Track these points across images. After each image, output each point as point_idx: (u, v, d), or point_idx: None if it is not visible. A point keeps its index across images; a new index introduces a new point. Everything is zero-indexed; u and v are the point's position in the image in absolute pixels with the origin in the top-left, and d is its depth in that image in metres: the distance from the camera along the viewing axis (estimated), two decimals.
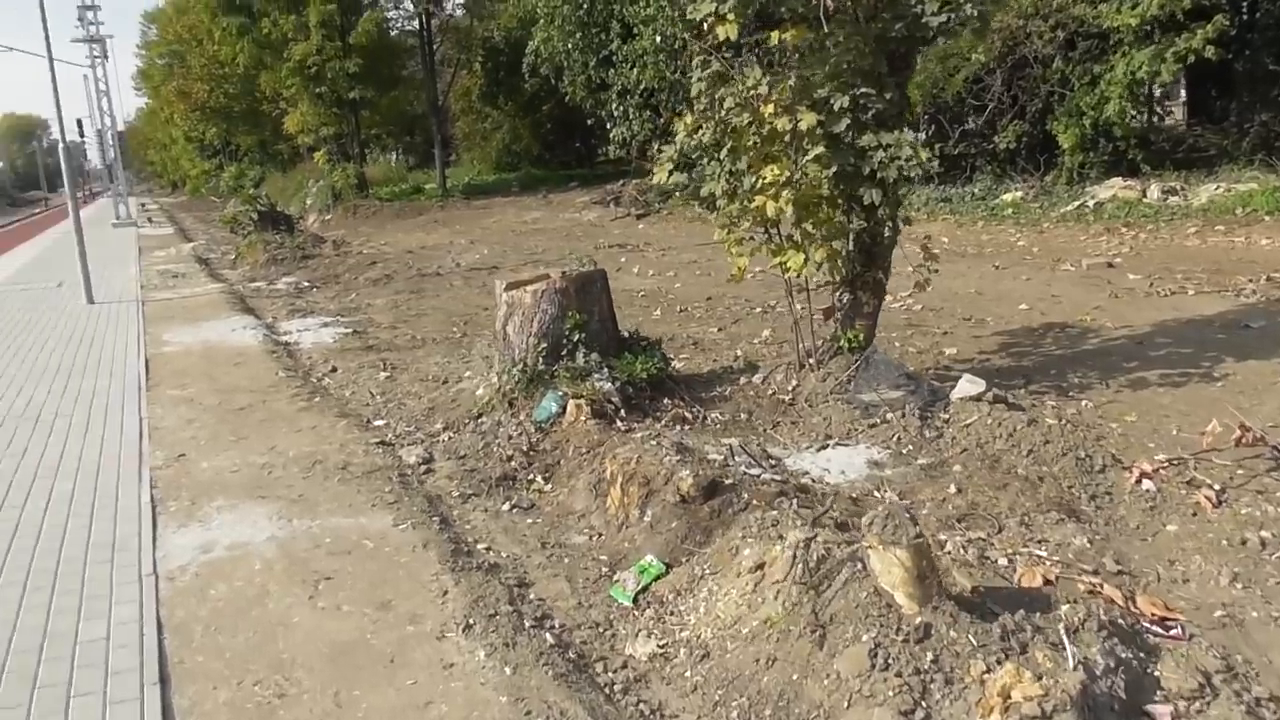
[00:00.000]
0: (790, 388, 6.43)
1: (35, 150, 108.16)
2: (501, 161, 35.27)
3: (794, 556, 3.43)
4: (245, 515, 4.88)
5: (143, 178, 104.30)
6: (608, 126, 22.27)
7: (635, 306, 10.76)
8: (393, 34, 30.01)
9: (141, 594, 4.03)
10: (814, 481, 5.01)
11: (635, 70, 19.65)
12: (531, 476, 5.37)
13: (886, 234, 6.17)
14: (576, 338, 6.16)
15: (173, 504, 5.11)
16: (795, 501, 4.34)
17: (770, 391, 6.47)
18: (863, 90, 5.60)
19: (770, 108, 5.68)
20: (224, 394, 7.50)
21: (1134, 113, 15.10)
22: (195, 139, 55.04)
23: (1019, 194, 15.19)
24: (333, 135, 29.08)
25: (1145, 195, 14.63)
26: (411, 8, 27.53)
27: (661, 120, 20.78)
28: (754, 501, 4.33)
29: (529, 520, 4.89)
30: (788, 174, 5.62)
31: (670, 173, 6.12)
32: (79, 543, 4.61)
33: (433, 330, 10.34)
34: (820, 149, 5.51)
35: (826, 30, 5.66)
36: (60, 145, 13.25)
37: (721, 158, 5.89)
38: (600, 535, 4.63)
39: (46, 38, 19.26)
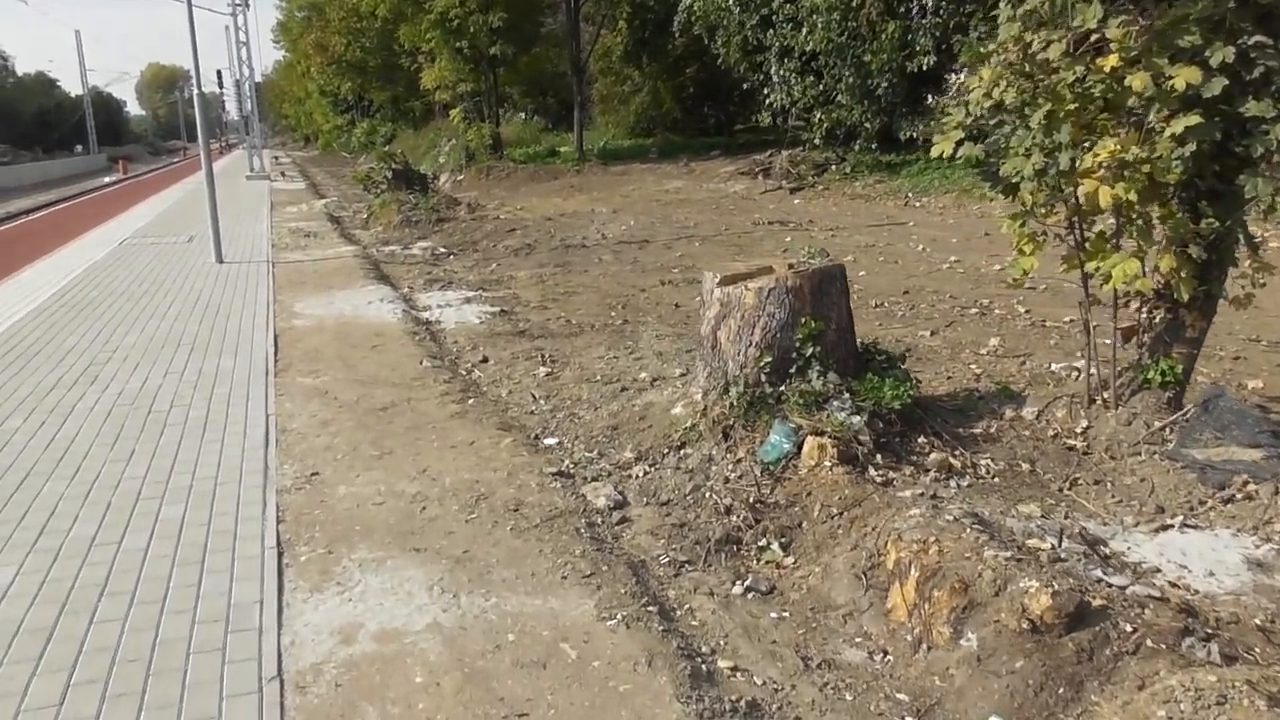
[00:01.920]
0: (1080, 430, 4.90)
1: (177, 100, 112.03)
2: (638, 126, 33.87)
3: None
4: (397, 579, 3.67)
5: (277, 131, 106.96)
6: (764, 92, 20.60)
7: None
8: None
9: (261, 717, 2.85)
10: (1173, 586, 3.51)
11: (802, 31, 17.95)
12: (764, 542, 4.01)
13: (1239, 237, 4.55)
14: (810, 351, 4.75)
15: (304, 551, 3.95)
16: (1213, 648, 2.86)
17: (1051, 433, 4.95)
18: (1256, 39, 3.99)
19: (1113, 59, 4.12)
20: (362, 386, 6.37)
21: None
22: (330, 93, 55.36)
23: None
24: (470, 92, 28.12)
25: None
26: None
27: (823, 86, 19.08)
28: (1147, 641, 2.88)
29: (773, 614, 3.55)
30: (1135, 150, 4.06)
31: (959, 144, 4.61)
32: (184, 610, 3.47)
33: (588, 314, 9.09)
34: (1195, 119, 3.92)
35: None
36: (195, 94, 12.48)
37: (1033, 126, 4.35)
38: (886, 655, 3.25)
39: None
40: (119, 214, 21.11)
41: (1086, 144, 4.33)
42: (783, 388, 4.75)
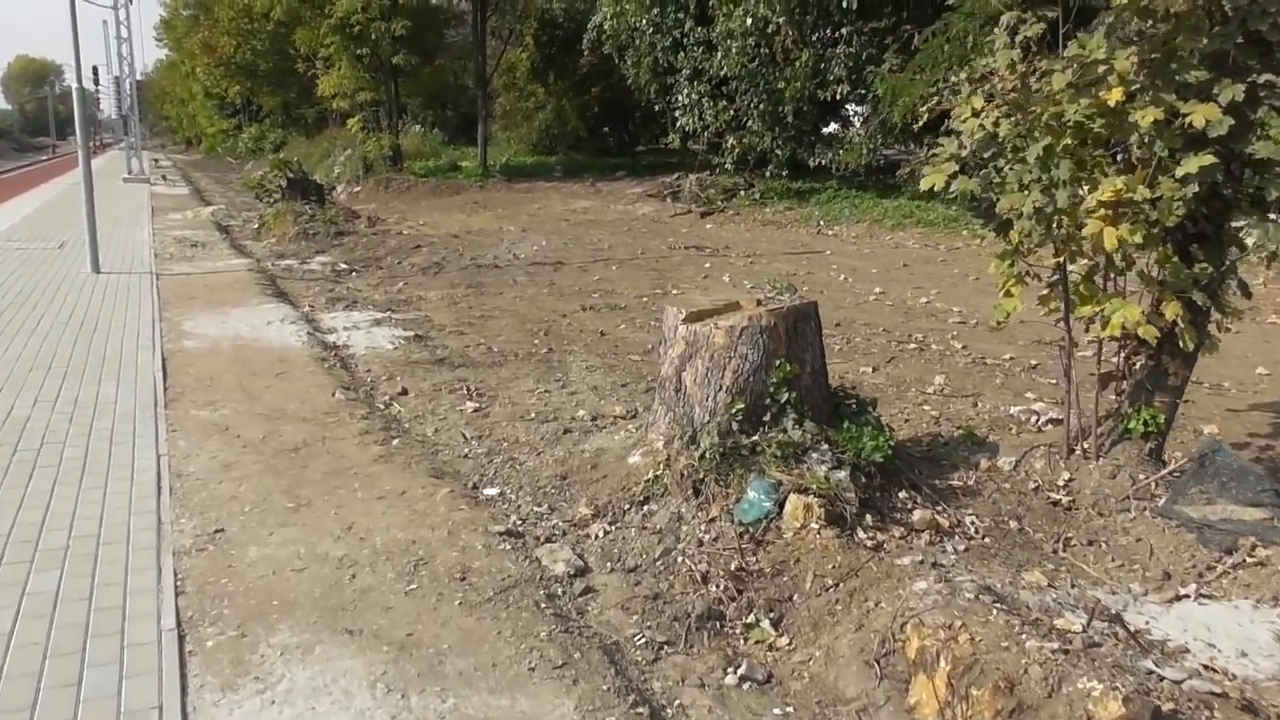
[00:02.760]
0: (1062, 483, 4.61)
1: (47, 95, 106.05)
2: (541, 143, 33.27)
3: None
4: (330, 673, 3.07)
5: (156, 132, 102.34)
6: (675, 114, 20.36)
7: None
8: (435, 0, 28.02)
9: None
10: (1208, 669, 3.20)
11: (715, 55, 17.77)
12: (752, 617, 3.56)
13: (1233, 283, 4.35)
14: (785, 397, 4.34)
15: (211, 633, 3.30)
16: None
17: (1033, 485, 4.65)
18: (1266, 78, 3.77)
19: (1117, 93, 3.85)
20: (269, 421, 5.68)
21: None
22: (216, 96, 52.93)
23: None
24: (369, 101, 27.04)
25: None
26: None
27: (734, 111, 18.95)
28: None
29: (776, 709, 3.08)
30: (1142, 190, 3.79)
31: (951, 178, 4.27)
32: None
33: (509, 340, 8.53)
34: (1209, 158, 3.67)
35: None
36: (74, 87, 11.42)
37: (1030, 160, 4.05)
38: None
39: None
40: None
41: (1082, 181, 4.07)
42: (756, 437, 4.32)
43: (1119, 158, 4.18)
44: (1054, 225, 4.15)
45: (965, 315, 9.46)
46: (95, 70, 45.86)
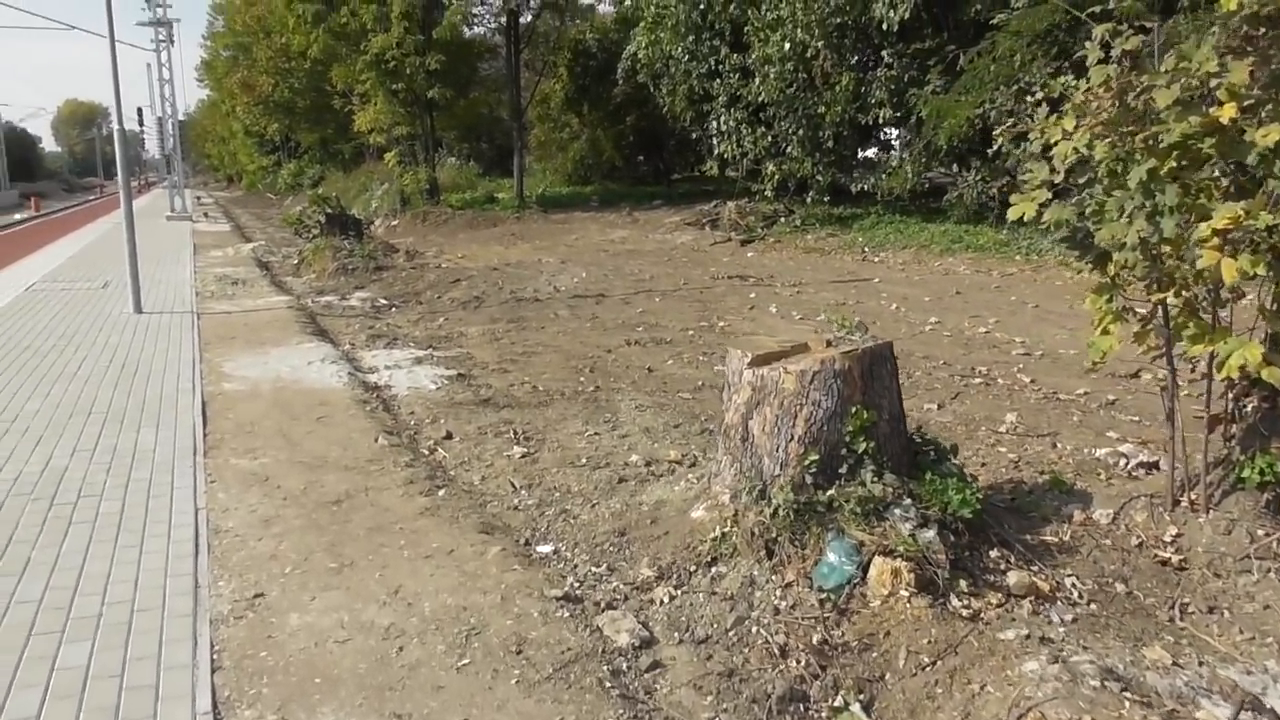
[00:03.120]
0: (1169, 539, 4.22)
1: (95, 137, 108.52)
2: (575, 173, 33.26)
3: None
4: None
5: (198, 170, 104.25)
6: (713, 141, 20.16)
7: None
8: (472, 32, 28.17)
9: None
10: None
11: (754, 81, 17.54)
12: (839, 700, 3.21)
13: None
14: (863, 447, 4.01)
15: (248, 717, 3.02)
16: None
17: (1135, 542, 4.27)
18: None
19: (1230, 109, 3.51)
20: (310, 470, 5.43)
21: None
22: (255, 133, 53.81)
23: None
24: (405, 135, 27.15)
25: None
26: (499, 3, 25.52)
27: (773, 137, 18.70)
28: None
29: None
30: (1265, 217, 3.43)
31: (1043, 205, 3.94)
32: None
33: (554, 378, 8.26)
34: None
35: None
36: (115, 127, 11.42)
37: (1133, 186, 3.71)
38: None
39: (109, 14, 17.59)
40: (27, 255, 19.63)
41: (1186, 207, 3.72)
42: (833, 491, 3.99)
43: (1226, 181, 3.82)
44: (1158, 256, 3.80)
45: (1029, 346, 9.05)
46: (140, 111, 46.78)
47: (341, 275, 15.24)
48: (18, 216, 43.51)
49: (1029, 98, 4.80)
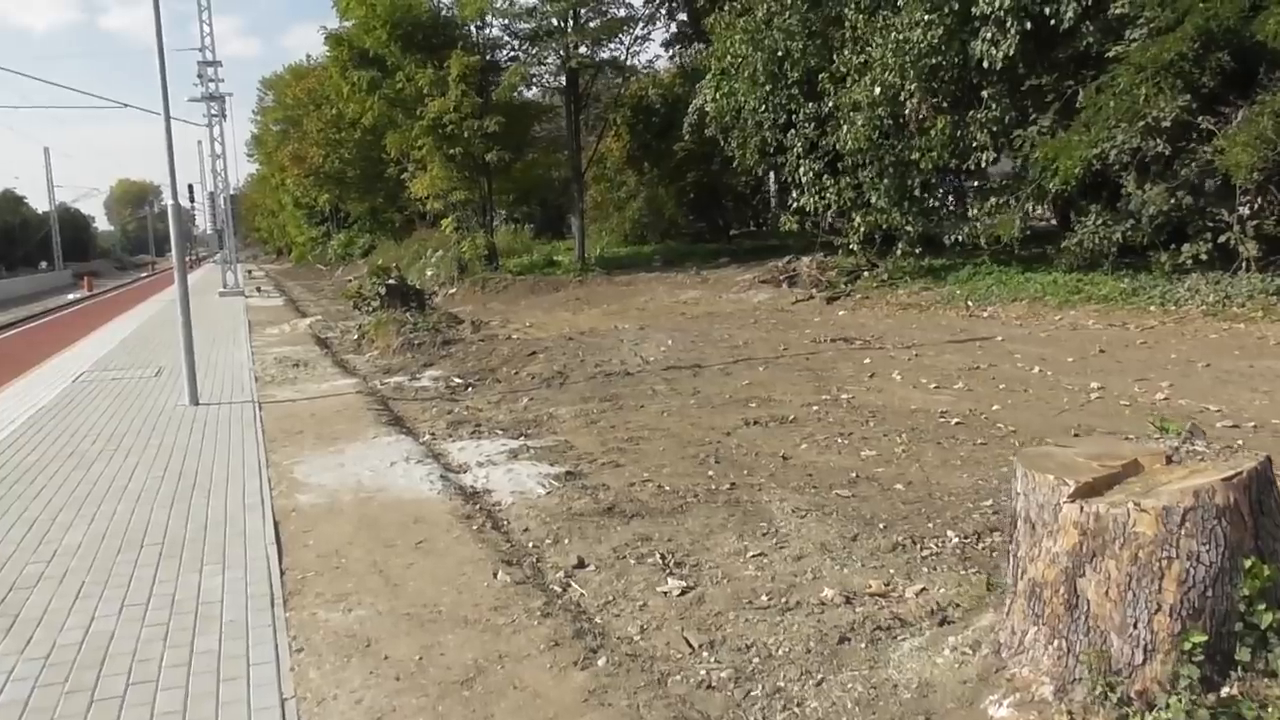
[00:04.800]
0: None
1: (147, 215, 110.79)
2: (633, 233, 32.35)
3: None
4: None
5: (247, 244, 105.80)
6: (791, 194, 19.02)
7: (975, 447, 7.29)
8: (530, 93, 27.58)
9: None
10: None
11: (841, 129, 16.40)
12: None
13: None
14: (1269, 620, 2.68)
15: None
16: None
17: None
18: None
19: None
20: (421, 627, 4.20)
21: None
22: (305, 205, 53.97)
23: None
24: (463, 200, 26.44)
25: None
26: (557, 63, 24.81)
27: (858, 187, 17.50)
28: None
29: None
30: None
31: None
32: None
33: (676, 471, 7.01)
34: None
35: None
36: (170, 203, 10.53)
37: None
38: None
39: (164, 88, 17.01)
40: (78, 339, 18.91)
41: None
42: (1229, 689, 2.66)
43: None
44: None
45: (1232, 417, 7.65)
46: (190, 188, 47.14)
47: (408, 351, 14.20)
48: (71, 296, 43.66)
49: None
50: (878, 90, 15.34)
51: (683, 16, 28.69)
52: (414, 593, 4.64)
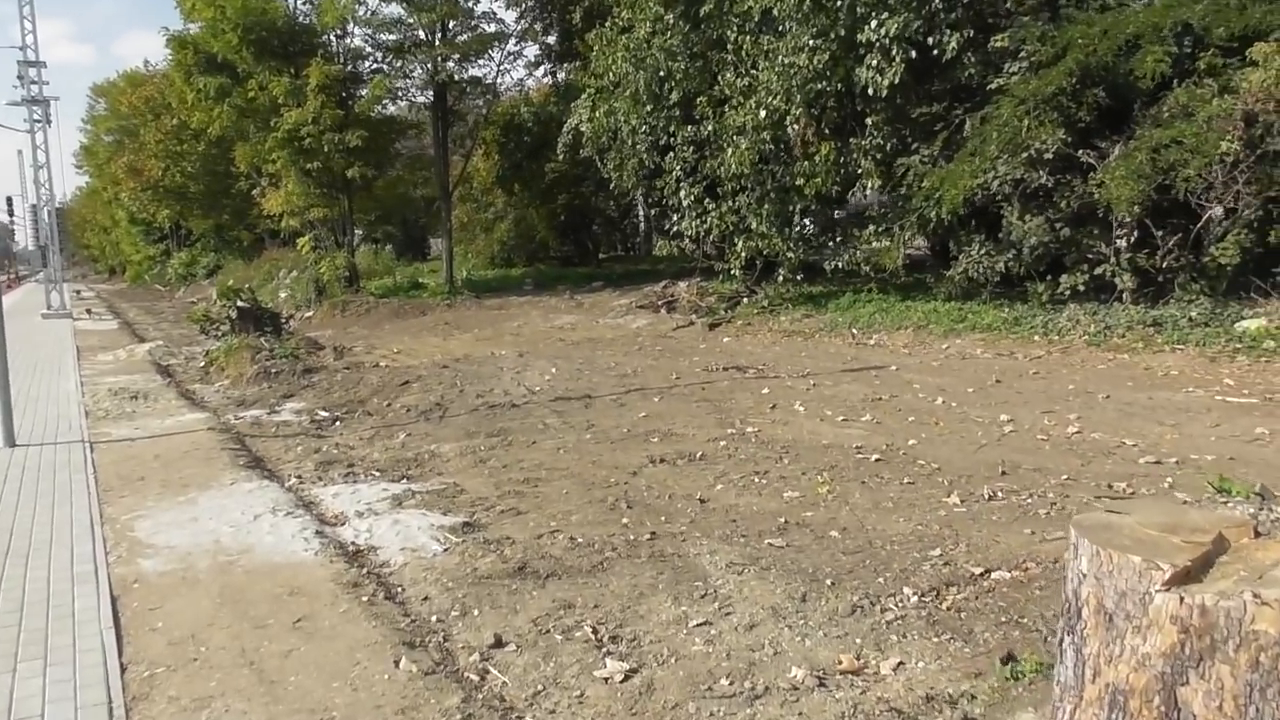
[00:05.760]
0: None
1: None
2: (499, 255, 31.32)
3: None
4: None
5: (75, 262, 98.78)
6: (672, 218, 18.57)
7: (904, 487, 6.83)
8: (393, 108, 26.22)
9: None
10: None
11: (725, 152, 16.02)
12: None
13: None
14: None
15: None
16: None
17: None
18: None
19: None
20: None
21: None
22: (142, 221, 50.45)
23: (1263, 321, 11.70)
24: (322, 219, 24.84)
25: None
26: (424, 77, 23.61)
27: (740, 212, 17.20)
28: None
29: None
30: None
31: None
32: None
33: (587, 520, 6.29)
34: None
35: None
36: None
37: None
38: None
39: None
40: None
41: None
42: None
43: None
44: None
45: (1150, 451, 7.47)
46: (9, 201, 43.28)
47: (264, 380, 12.92)
48: None
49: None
50: (762, 114, 15.07)
51: (549, 39, 28.10)
52: (297, 692, 3.74)
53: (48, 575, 5.10)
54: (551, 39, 27.10)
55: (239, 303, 16.53)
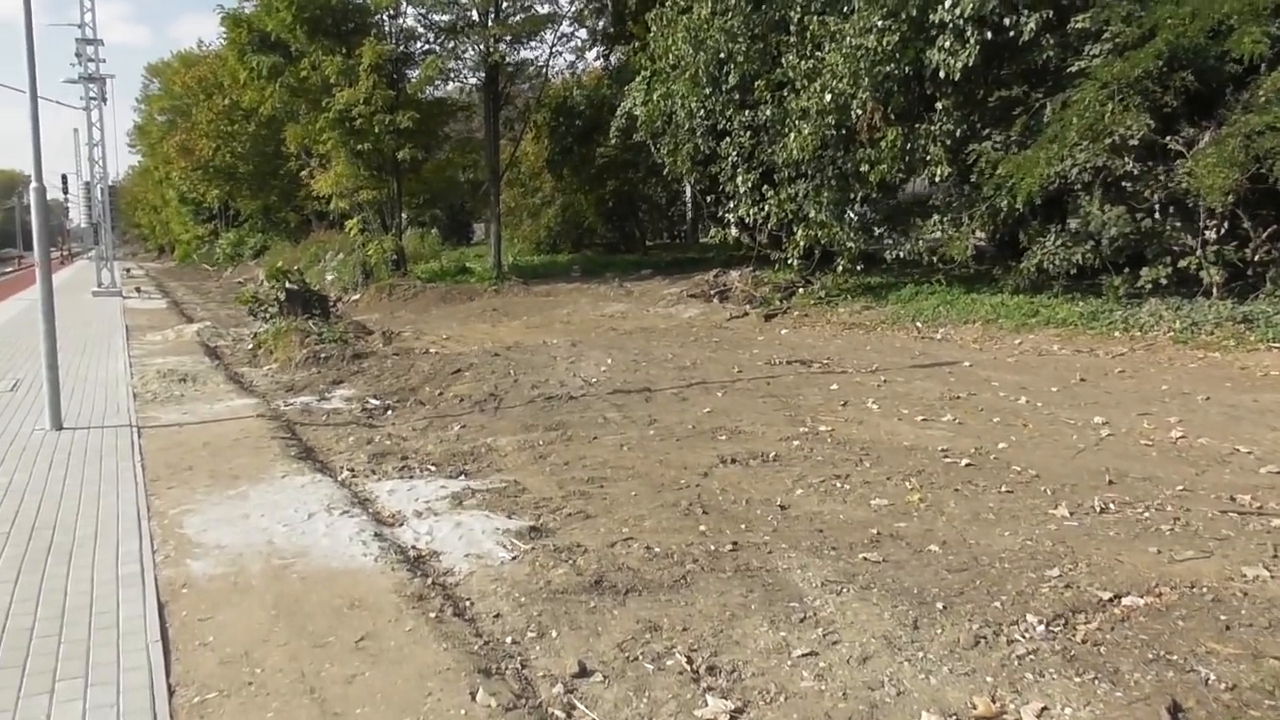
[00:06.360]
0: None
1: (14, 206, 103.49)
2: (546, 241, 30.94)
3: None
4: None
5: (125, 240, 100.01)
6: (729, 204, 18.01)
7: (1002, 495, 6.31)
8: (447, 88, 25.88)
9: None
10: None
11: (789, 137, 15.42)
12: None
13: None
14: None
15: None
16: None
17: None
18: None
19: None
20: None
21: None
22: (192, 201, 50.74)
23: None
24: (370, 200, 24.58)
25: None
26: (476, 58, 23.16)
27: (798, 199, 16.60)
28: None
29: None
30: None
31: None
32: None
33: (660, 526, 5.85)
34: None
35: None
36: (33, 186, 8.78)
37: None
38: None
39: (31, 62, 15.06)
40: None
41: None
42: None
43: None
44: None
45: (1271, 459, 6.87)
46: (64, 179, 43.64)
47: (313, 365, 12.62)
48: None
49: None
50: (828, 97, 14.46)
51: (601, 22, 27.56)
52: None
53: (91, 576, 4.76)
54: (604, 21, 26.57)
55: (288, 284, 16.28)
